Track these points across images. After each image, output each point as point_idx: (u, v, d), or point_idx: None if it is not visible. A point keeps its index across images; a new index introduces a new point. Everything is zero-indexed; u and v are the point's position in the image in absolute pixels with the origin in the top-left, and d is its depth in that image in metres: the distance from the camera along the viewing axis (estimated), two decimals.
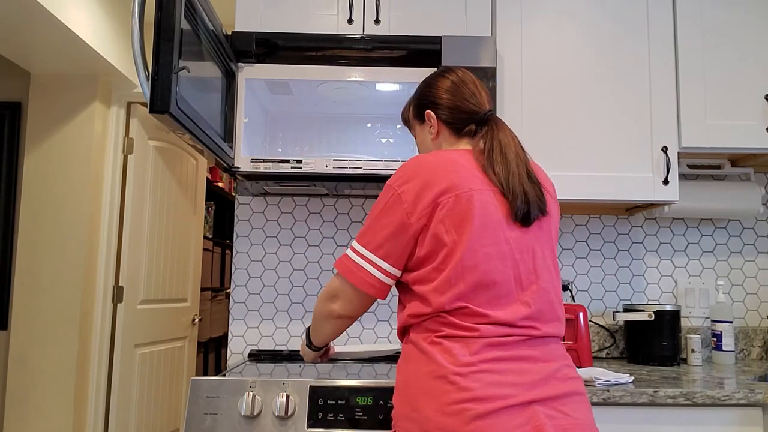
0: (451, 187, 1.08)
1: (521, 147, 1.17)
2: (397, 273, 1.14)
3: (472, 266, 1.06)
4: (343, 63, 1.73)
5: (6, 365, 2.75)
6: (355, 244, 1.16)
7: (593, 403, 1.44)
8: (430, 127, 1.25)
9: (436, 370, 1.03)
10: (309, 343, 1.34)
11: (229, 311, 2.65)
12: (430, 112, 1.25)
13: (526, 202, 1.10)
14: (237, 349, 2.02)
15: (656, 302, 2.08)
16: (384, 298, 1.17)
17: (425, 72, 1.71)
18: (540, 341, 1.08)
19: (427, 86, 1.27)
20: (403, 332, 1.16)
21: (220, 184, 4.33)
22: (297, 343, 2.03)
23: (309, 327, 1.33)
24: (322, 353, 1.39)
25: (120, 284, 2.87)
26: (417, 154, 1.36)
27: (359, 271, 1.13)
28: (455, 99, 1.22)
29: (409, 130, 1.36)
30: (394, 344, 1.85)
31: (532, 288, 1.09)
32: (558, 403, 1.03)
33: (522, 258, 1.10)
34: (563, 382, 1.06)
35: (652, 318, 1.84)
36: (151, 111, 1.22)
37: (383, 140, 1.94)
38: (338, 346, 1.49)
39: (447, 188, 1.08)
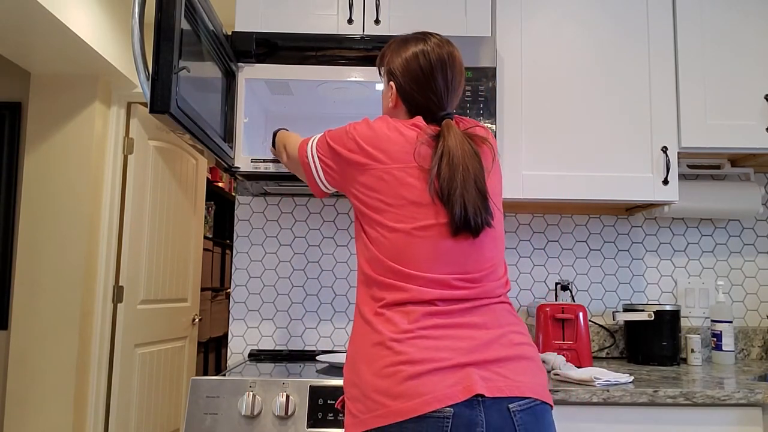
0: (392, 160, 1.14)
1: (473, 153, 1.14)
2: (328, 187, 1.28)
3: (409, 235, 1.11)
4: (343, 63, 1.73)
5: (6, 365, 2.75)
6: (316, 141, 1.28)
7: (593, 403, 1.44)
8: (390, 96, 1.26)
9: (376, 337, 1.08)
10: (274, 140, 1.57)
11: (229, 311, 2.65)
12: (392, 86, 1.25)
13: (466, 221, 1.10)
14: (237, 349, 2.02)
15: (656, 302, 2.08)
16: (317, 195, 1.31)
17: None
18: (483, 309, 1.10)
19: (399, 56, 1.23)
20: (357, 302, 1.21)
21: (220, 184, 4.33)
22: (297, 343, 2.03)
23: (278, 132, 1.55)
24: None
25: (120, 284, 2.87)
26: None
27: (307, 162, 1.29)
28: (419, 92, 1.21)
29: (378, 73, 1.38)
30: None
31: (474, 257, 1.12)
32: (496, 366, 1.04)
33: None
34: (506, 347, 1.07)
35: (652, 318, 1.84)
36: (151, 111, 1.22)
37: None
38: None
39: (386, 157, 1.14)
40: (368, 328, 1.10)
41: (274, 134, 1.57)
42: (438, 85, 1.21)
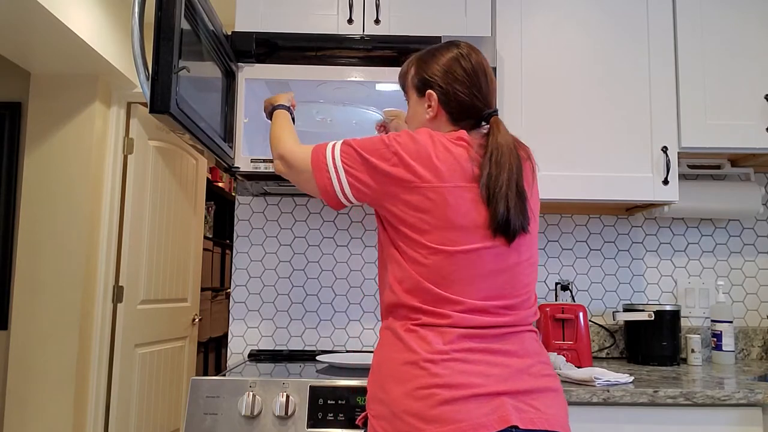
0: (440, 179, 1.08)
1: (517, 157, 1.13)
2: (352, 200, 1.17)
3: (452, 256, 1.07)
4: (343, 63, 1.72)
5: (6, 365, 2.75)
6: (337, 151, 1.17)
7: (593, 403, 1.44)
8: (429, 107, 1.20)
9: (410, 356, 1.05)
10: (269, 115, 1.47)
11: (229, 311, 2.65)
12: (433, 94, 1.19)
13: (507, 223, 1.08)
14: (237, 349, 2.02)
15: (656, 302, 2.08)
16: (332, 207, 1.21)
17: None
18: (515, 336, 1.09)
19: (436, 63, 1.20)
20: (383, 316, 1.17)
21: (220, 184, 4.33)
22: (297, 343, 2.03)
23: (279, 110, 1.44)
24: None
25: (120, 284, 2.87)
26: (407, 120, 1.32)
27: (325, 176, 1.17)
28: (464, 92, 1.18)
29: (403, 92, 1.30)
30: None
31: (511, 283, 1.10)
32: (528, 397, 1.03)
33: (504, 255, 1.09)
34: (536, 378, 1.06)
35: (652, 318, 1.84)
36: (151, 111, 1.22)
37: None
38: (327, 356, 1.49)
39: (435, 178, 1.08)
40: (400, 345, 1.07)
41: (272, 111, 1.48)
42: (481, 83, 1.19)
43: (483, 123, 1.20)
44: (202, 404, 1.39)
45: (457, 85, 1.18)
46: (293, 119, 1.47)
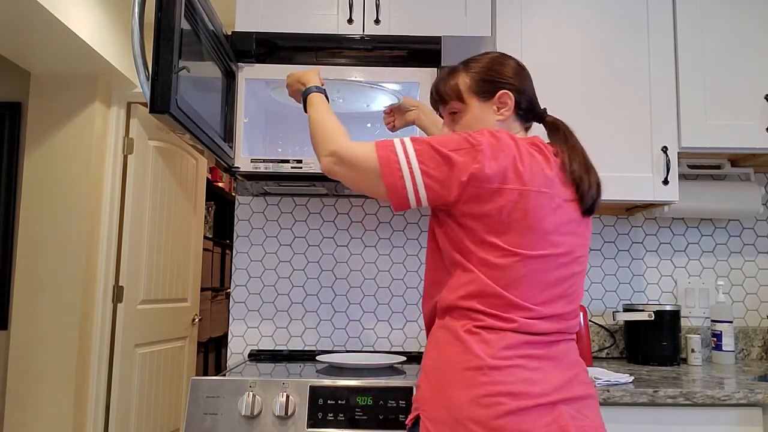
0: (522, 182, 1.06)
1: (584, 149, 1.18)
2: (424, 203, 1.10)
3: (525, 261, 1.06)
4: (343, 63, 1.73)
5: (6, 365, 2.75)
6: (410, 147, 1.08)
7: None
8: (502, 108, 1.19)
9: (472, 360, 1.03)
10: (303, 104, 1.32)
11: (229, 311, 2.65)
12: (509, 94, 1.18)
13: (594, 205, 1.13)
14: (237, 349, 2.02)
15: (656, 302, 2.08)
16: (396, 211, 1.11)
17: (425, 72, 1.70)
18: (563, 343, 1.11)
19: (496, 63, 1.21)
20: (439, 314, 1.14)
21: (220, 184, 4.33)
22: (297, 343, 2.03)
23: (313, 96, 1.29)
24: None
25: (120, 284, 2.87)
26: (452, 130, 1.26)
27: (395, 175, 1.08)
28: (526, 87, 1.21)
29: (446, 102, 1.24)
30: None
31: (574, 290, 1.12)
32: (579, 405, 1.05)
33: (573, 264, 1.12)
34: (582, 385, 1.08)
35: (652, 318, 1.84)
36: (151, 111, 1.22)
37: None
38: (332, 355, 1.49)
39: (518, 180, 1.06)
40: (461, 347, 1.06)
41: (305, 96, 1.33)
42: (531, 81, 1.24)
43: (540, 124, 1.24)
44: (202, 404, 1.39)
45: (527, 83, 1.21)
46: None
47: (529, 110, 1.21)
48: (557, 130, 1.19)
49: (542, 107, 1.25)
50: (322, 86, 1.35)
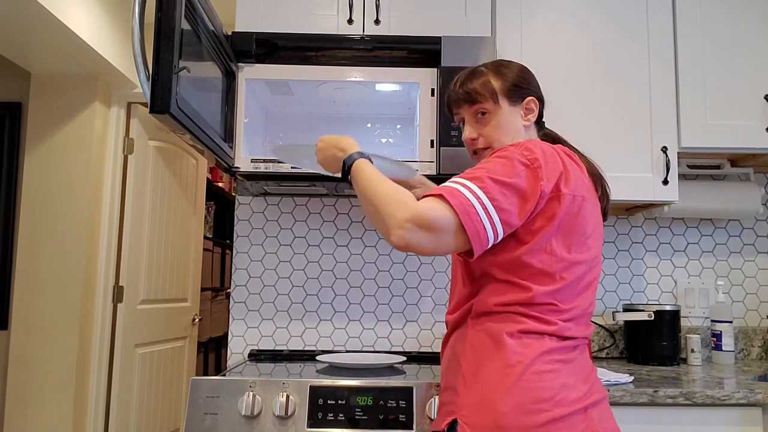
0: (570, 187, 1.09)
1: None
2: (497, 241, 1.05)
3: (569, 267, 1.09)
4: (343, 63, 1.72)
5: (6, 365, 2.75)
6: (476, 189, 1.01)
7: None
8: (528, 114, 1.23)
9: (516, 365, 1.04)
10: (345, 175, 1.16)
11: (229, 311, 2.65)
12: (535, 101, 1.23)
13: (607, 201, 1.22)
14: (237, 349, 2.02)
15: (656, 302, 2.08)
16: (472, 259, 1.06)
17: (425, 72, 1.70)
18: (582, 347, 1.13)
19: (522, 71, 1.25)
20: (473, 317, 1.13)
21: (220, 184, 4.33)
22: (297, 343, 2.03)
23: (358, 161, 1.14)
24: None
25: (120, 284, 2.87)
26: (480, 131, 1.23)
27: (476, 222, 1.00)
28: (542, 95, 1.27)
29: (473, 102, 1.21)
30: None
31: (593, 293, 1.16)
32: (602, 407, 1.08)
33: (596, 266, 1.16)
34: (600, 387, 1.11)
35: (652, 318, 1.84)
36: (151, 111, 1.22)
37: (383, 140, 1.95)
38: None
39: (566, 185, 1.09)
40: (503, 352, 1.05)
41: (349, 165, 1.16)
42: None
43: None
44: (202, 404, 1.39)
45: (540, 92, 1.26)
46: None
47: (541, 118, 1.28)
48: (559, 139, 1.29)
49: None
50: (364, 152, 1.20)
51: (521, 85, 1.22)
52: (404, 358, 1.76)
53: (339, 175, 1.20)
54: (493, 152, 1.12)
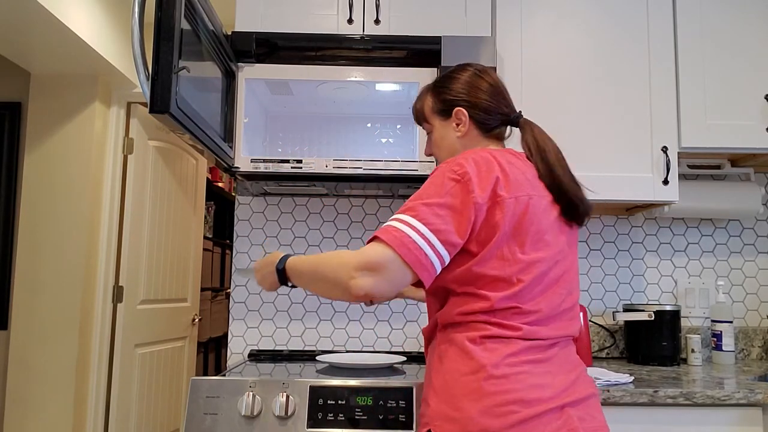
0: (510, 189, 1.08)
1: (559, 149, 1.19)
2: (447, 262, 1.05)
3: (526, 268, 1.07)
4: (343, 63, 1.72)
5: (6, 365, 2.75)
6: (409, 219, 1.03)
7: None
8: (459, 125, 1.22)
9: (479, 370, 1.03)
10: (284, 281, 1.17)
11: (229, 311, 2.65)
12: (462, 110, 1.21)
13: (573, 205, 1.13)
14: (237, 349, 2.02)
15: (656, 302, 2.08)
16: (427, 287, 1.07)
17: (425, 72, 1.71)
18: (564, 344, 1.11)
19: (451, 81, 1.23)
20: (440, 329, 1.14)
21: (220, 184, 4.33)
22: (297, 343, 2.03)
23: (289, 258, 1.16)
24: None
25: (120, 284, 2.87)
26: (430, 149, 1.30)
27: (416, 251, 1.00)
28: (493, 101, 1.21)
29: (420, 123, 1.30)
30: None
31: (566, 289, 1.13)
32: (585, 405, 1.06)
33: (563, 261, 1.13)
34: (585, 384, 1.09)
35: (652, 318, 1.84)
36: (151, 111, 1.22)
37: (383, 140, 1.94)
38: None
39: (507, 189, 1.07)
40: (467, 359, 1.05)
41: (281, 269, 1.17)
42: (500, 87, 1.24)
43: (514, 129, 1.24)
44: (202, 404, 1.39)
45: (482, 95, 1.21)
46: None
47: (490, 119, 1.22)
48: (527, 133, 1.20)
49: (518, 111, 1.25)
50: (291, 254, 1.28)
51: (447, 97, 1.23)
52: (404, 358, 1.76)
53: (277, 289, 1.24)
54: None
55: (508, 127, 1.26)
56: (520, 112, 1.25)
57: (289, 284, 1.18)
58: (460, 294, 1.10)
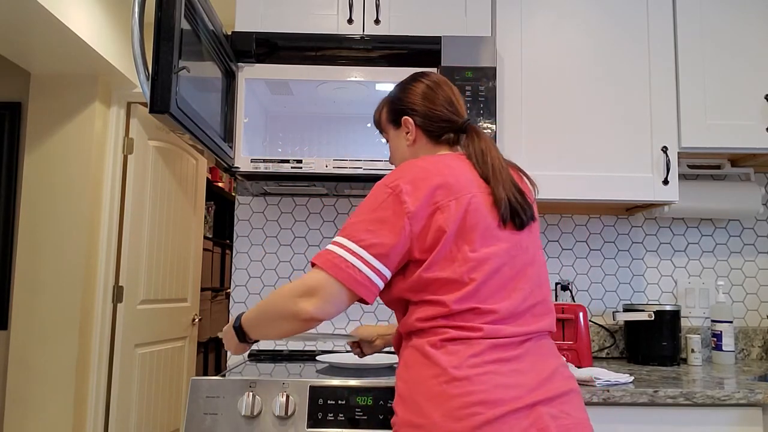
0: (451, 192, 1.08)
1: (501, 156, 1.18)
2: (388, 275, 1.08)
3: (478, 266, 1.06)
4: (343, 63, 1.72)
5: (6, 365, 2.75)
6: (341, 239, 1.07)
7: (593, 403, 1.44)
8: (407, 133, 1.24)
9: (441, 374, 1.01)
10: (243, 338, 1.20)
11: (229, 311, 2.65)
12: (408, 119, 1.24)
13: (513, 209, 1.11)
14: None
15: (656, 302, 2.08)
16: (371, 302, 1.10)
17: None
18: (536, 341, 1.09)
19: (402, 91, 1.26)
20: (404, 337, 1.14)
21: (220, 184, 4.33)
22: (297, 343, 2.03)
23: (242, 315, 1.19)
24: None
25: (120, 284, 2.87)
26: (390, 158, 1.34)
27: (348, 269, 1.04)
28: (432, 106, 1.22)
29: (381, 133, 1.35)
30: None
31: (529, 284, 1.11)
32: (559, 402, 1.03)
33: (519, 256, 1.11)
34: (562, 381, 1.06)
35: (652, 318, 1.84)
36: (151, 111, 1.22)
37: (383, 140, 1.94)
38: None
39: (447, 192, 1.08)
40: (428, 363, 1.04)
41: (238, 326, 1.20)
42: (450, 96, 1.24)
43: (463, 136, 1.23)
44: (202, 404, 1.39)
45: (428, 102, 1.23)
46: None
47: (434, 126, 1.23)
48: (469, 139, 1.20)
49: (465, 118, 1.24)
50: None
51: (397, 107, 1.26)
52: None
53: (244, 352, 1.26)
54: None
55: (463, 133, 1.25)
56: (468, 119, 1.24)
57: (250, 340, 1.21)
58: (417, 302, 1.09)
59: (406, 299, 1.13)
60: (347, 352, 1.98)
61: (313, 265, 1.08)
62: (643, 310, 1.86)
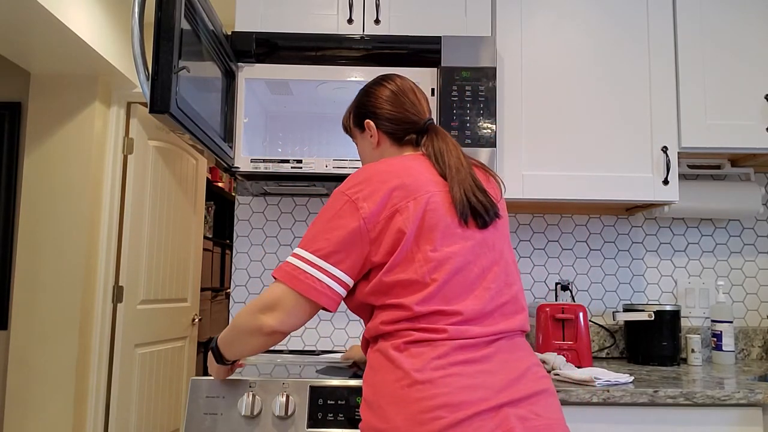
0: (408, 192, 1.07)
1: (463, 155, 1.17)
2: (349, 282, 1.08)
3: (439, 266, 1.05)
4: (343, 63, 1.73)
5: (6, 365, 2.75)
6: (299, 250, 1.08)
7: (593, 403, 1.44)
8: (371, 136, 1.25)
9: (404, 377, 1.00)
10: (220, 359, 1.24)
11: (229, 311, 2.65)
12: (370, 122, 1.25)
13: (473, 208, 1.10)
14: None
15: (656, 302, 2.08)
16: (334, 310, 1.10)
17: (425, 72, 1.71)
18: (505, 341, 1.07)
19: (365, 95, 1.27)
20: (370, 342, 1.13)
21: (220, 184, 4.33)
22: (297, 343, 2.03)
23: (217, 338, 1.22)
24: (233, 365, 1.32)
25: (120, 284, 2.87)
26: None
27: (307, 279, 1.05)
28: (395, 109, 1.23)
29: (351, 137, 1.36)
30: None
31: (497, 283, 1.09)
32: (529, 403, 1.01)
33: (484, 254, 1.09)
34: (534, 381, 1.04)
35: (652, 318, 1.84)
36: (151, 111, 1.22)
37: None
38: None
39: (404, 194, 1.07)
40: (391, 366, 1.02)
41: (213, 347, 1.25)
42: (411, 98, 1.24)
43: (425, 136, 1.22)
44: (202, 404, 1.39)
45: (388, 105, 1.23)
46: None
47: (397, 129, 1.23)
48: (429, 139, 1.20)
49: (427, 118, 1.24)
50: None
51: (359, 110, 1.28)
52: None
53: (227, 375, 1.34)
54: None
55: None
56: (430, 119, 1.24)
57: (227, 362, 1.26)
58: (380, 306, 1.09)
59: (370, 304, 1.12)
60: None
61: (274, 278, 1.09)
62: (643, 310, 1.86)
